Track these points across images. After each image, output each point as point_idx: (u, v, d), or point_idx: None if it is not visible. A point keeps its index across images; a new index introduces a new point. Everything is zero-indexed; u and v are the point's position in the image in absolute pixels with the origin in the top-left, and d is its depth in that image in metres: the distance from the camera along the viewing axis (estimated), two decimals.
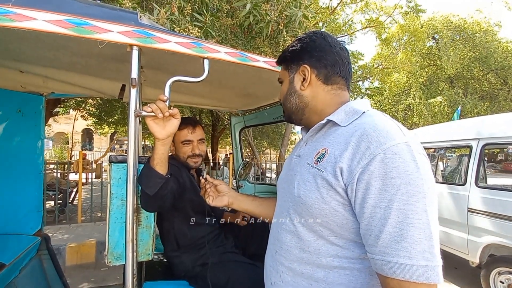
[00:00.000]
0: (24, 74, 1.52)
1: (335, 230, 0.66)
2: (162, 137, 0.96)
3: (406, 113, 10.87)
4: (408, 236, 0.54)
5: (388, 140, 0.60)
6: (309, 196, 0.68)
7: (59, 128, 21.63)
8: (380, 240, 0.57)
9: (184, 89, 1.84)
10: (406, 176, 0.56)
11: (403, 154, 0.58)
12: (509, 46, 10.88)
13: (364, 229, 0.61)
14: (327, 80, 0.79)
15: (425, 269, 0.53)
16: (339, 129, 0.72)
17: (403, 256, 0.54)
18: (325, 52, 0.78)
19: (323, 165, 0.68)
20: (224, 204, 1.06)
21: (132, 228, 0.97)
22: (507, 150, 15.66)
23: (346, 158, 0.63)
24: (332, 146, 0.69)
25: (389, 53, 10.87)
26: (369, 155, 0.60)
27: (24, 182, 1.86)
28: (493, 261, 2.86)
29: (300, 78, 0.81)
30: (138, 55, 0.94)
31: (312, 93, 0.79)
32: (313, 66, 0.79)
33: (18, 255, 1.61)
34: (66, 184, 4.96)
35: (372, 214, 0.58)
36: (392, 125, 0.64)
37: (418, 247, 0.54)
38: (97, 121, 11.66)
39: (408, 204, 0.55)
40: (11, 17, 0.77)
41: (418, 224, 0.55)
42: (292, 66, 0.82)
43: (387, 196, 0.57)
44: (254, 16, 2.62)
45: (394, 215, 0.56)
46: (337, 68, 0.79)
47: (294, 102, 0.82)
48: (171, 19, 2.13)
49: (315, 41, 0.80)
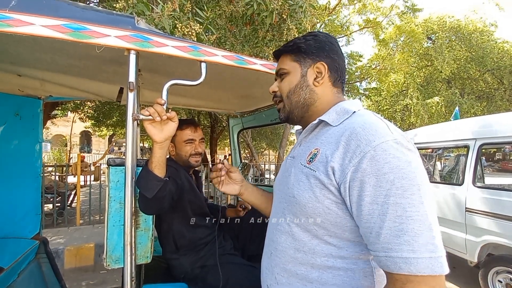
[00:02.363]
0: (21, 78, 1.52)
1: (329, 229, 0.67)
2: (160, 140, 0.96)
3: (404, 114, 10.91)
4: (409, 230, 0.55)
5: (377, 137, 0.61)
6: (303, 196, 0.69)
7: (57, 130, 21.56)
8: (382, 237, 0.57)
9: (182, 92, 1.85)
10: (398, 171, 0.57)
11: (393, 150, 0.59)
12: (505, 46, 10.95)
13: (364, 228, 0.61)
14: (335, 83, 0.81)
15: (430, 260, 0.53)
16: (330, 129, 0.73)
17: (406, 250, 0.54)
18: (339, 57, 0.81)
19: (316, 165, 0.68)
20: (235, 193, 1.06)
21: (130, 231, 0.98)
22: (504, 149, 15.76)
23: (337, 157, 0.64)
24: (323, 146, 0.70)
25: (386, 54, 10.92)
26: (359, 153, 0.61)
27: (22, 185, 1.85)
28: (491, 261, 2.87)
29: (313, 74, 0.80)
30: (136, 59, 0.95)
31: (322, 91, 0.80)
32: (329, 66, 0.80)
33: (17, 259, 1.61)
34: (65, 187, 4.94)
35: (370, 211, 0.59)
36: (381, 123, 0.65)
37: (420, 240, 0.54)
38: (95, 123, 11.62)
39: (404, 198, 0.56)
40: (9, 22, 0.78)
41: (416, 216, 0.55)
42: (307, 59, 0.80)
43: (383, 191, 0.57)
44: (259, 4, 2.55)
45: (392, 210, 0.56)
46: (343, 74, 0.82)
47: (303, 96, 0.80)
48: (173, 16, 2.13)
49: (331, 43, 0.81)
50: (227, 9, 2.93)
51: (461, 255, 3.19)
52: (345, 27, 10.11)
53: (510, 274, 2.69)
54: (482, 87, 11.52)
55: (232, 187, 1.06)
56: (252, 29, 3.06)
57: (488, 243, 2.87)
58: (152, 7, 2.12)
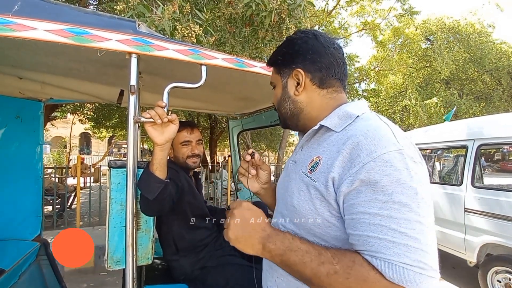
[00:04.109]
0: (22, 81, 1.53)
1: (329, 242, 0.65)
2: (161, 142, 0.97)
3: (403, 114, 10.92)
4: (402, 244, 0.52)
5: (379, 148, 0.58)
6: (303, 207, 0.67)
7: (56, 132, 21.50)
8: (369, 245, 0.55)
9: (182, 94, 1.86)
10: (398, 185, 0.55)
11: (395, 162, 0.56)
12: (503, 47, 11.00)
13: (352, 235, 0.59)
14: (322, 83, 0.75)
15: (418, 276, 0.51)
16: (333, 135, 0.69)
17: (394, 257, 0.53)
18: (319, 54, 0.74)
19: (316, 175, 0.66)
20: (253, 190, 0.96)
21: (131, 232, 0.99)
22: (503, 150, 15.79)
23: (337, 167, 0.61)
24: (325, 154, 0.67)
25: (385, 55, 10.96)
26: (359, 163, 0.58)
27: (22, 187, 1.86)
28: (490, 261, 2.88)
29: (294, 82, 0.76)
30: (137, 63, 0.96)
31: (307, 98, 0.76)
32: (307, 69, 0.74)
33: (18, 261, 1.62)
34: (64, 189, 4.94)
35: (360, 220, 0.56)
36: (386, 130, 0.62)
37: (413, 256, 0.52)
38: (94, 125, 11.62)
39: (400, 213, 0.53)
40: (12, 27, 0.79)
41: (412, 233, 0.53)
42: (285, 70, 0.78)
43: (377, 204, 0.55)
44: (257, 4, 2.55)
45: (386, 222, 0.54)
46: (332, 70, 0.74)
47: (288, 108, 0.78)
48: (173, 18, 2.15)
49: (307, 42, 0.75)
50: (226, 11, 2.95)
51: (460, 255, 3.20)
52: (343, 29, 10.15)
53: (509, 274, 2.70)
54: (481, 88, 11.55)
55: (252, 184, 0.95)
56: (251, 29, 3.07)
57: (487, 243, 2.88)
58: (152, 9, 2.14)
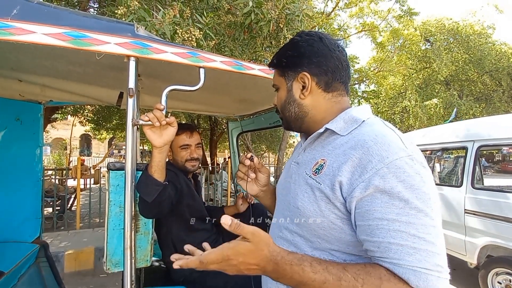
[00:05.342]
0: (22, 83, 1.54)
1: (333, 243, 0.65)
2: (160, 145, 0.98)
3: (403, 115, 10.93)
4: (422, 250, 0.54)
5: (390, 154, 0.58)
6: (307, 208, 0.67)
7: (57, 134, 21.55)
8: (392, 252, 0.55)
9: (181, 96, 1.86)
10: (413, 191, 0.55)
11: (407, 168, 0.57)
12: (503, 48, 11.03)
13: (369, 242, 0.58)
14: (327, 87, 0.74)
15: (438, 280, 0.54)
16: (338, 138, 0.69)
17: (418, 264, 0.54)
18: (325, 58, 0.73)
19: (321, 177, 0.66)
20: (252, 193, 0.97)
21: (130, 234, 0.99)
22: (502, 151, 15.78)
23: (345, 172, 0.61)
24: (330, 157, 0.66)
25: (384, 56, 10.98)
26: (371, 169, 0.58)
27: (22, 189, 1.87)
28: (490, 262, 2.88)
29: (299, 86, 0.76)
30: (135, 66, 0.97)
31: (313, 102, 0.75)
32: (313, 73, 0.73)
33: (17, 263, 1.62)
34: (64, 190, 4.94)
35: (379, 226, 0.56)
36: (393, 136, 0.62)
37: (432, 260, 0.54)
38: (95, 127, 11.64)
39: (417, 218, 0.55)
40: (11, 30, 0.79)
41: (429, 238, 0.54)
42: (289, 73, 0.77)
43: (395, 209, 0.55)
44: (256, 14, 2.60)
45: (405, 228, 0.54)
46: (338, 74, 0.74)
47: (293, 111, 0.77)
48: (174, 22, 2.17)
49: (313, 45, 0.74)
50: (225, 19, 2.98)
51: (460, 256, 3.19)
52: (343, 30, 10.16)
53: (509, 275, 2.69)
54: (481, 89, 11.58)
55: (250, 187, 0.95)
56: (250, 36, 3.11)
57: (487, 244, 2.88)
58: (153, 13, 2.15)
